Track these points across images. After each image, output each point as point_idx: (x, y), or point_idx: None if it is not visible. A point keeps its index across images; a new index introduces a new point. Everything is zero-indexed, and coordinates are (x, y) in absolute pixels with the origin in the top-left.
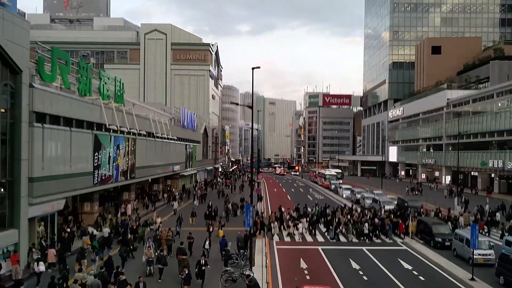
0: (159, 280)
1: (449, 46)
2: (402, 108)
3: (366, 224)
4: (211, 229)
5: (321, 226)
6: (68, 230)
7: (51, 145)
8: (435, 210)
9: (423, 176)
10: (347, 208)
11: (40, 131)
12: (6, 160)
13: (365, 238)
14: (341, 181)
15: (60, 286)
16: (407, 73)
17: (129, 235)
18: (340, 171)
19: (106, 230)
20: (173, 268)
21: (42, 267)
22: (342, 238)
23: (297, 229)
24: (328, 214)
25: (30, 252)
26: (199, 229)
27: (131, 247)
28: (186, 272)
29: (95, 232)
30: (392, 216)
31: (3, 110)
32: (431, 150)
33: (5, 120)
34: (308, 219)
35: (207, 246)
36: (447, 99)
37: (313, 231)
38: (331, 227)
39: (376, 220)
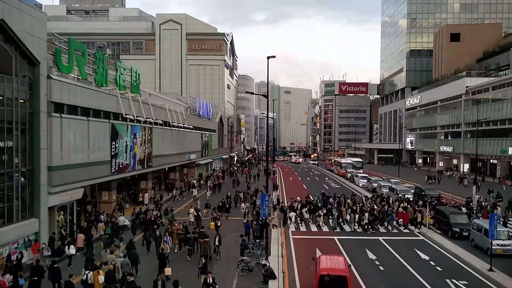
0: (189, 259)
1: (468, 33)
2: (419, 96)
3: (367, 214)
4: (218, 223)
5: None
6: (92, 218)
7: (69, 135)
8: (465, 202)
9: (441, 164)
10: (352, 197)
11: (58, 121)
12: (26, 149)
13: (367, 228)
14: (361, 171)
15: (92, 265)
16: (425, 61)
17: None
18: (360, 160)
19: (122, 219)
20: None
21: (72, 250)
22: (347, 228)
23: (290, 219)
24: (331, 203)
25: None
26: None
27: (156, 230)
28: (203, 261)
29: (117, 219)
30: (397, 205)
31: (22, 101)
32: (449, 138)
33: (24, 110)
34: (307, 209)
35: (216, 242)
36: (466, 87)
37: (316, 220)
38: (331, 216)
39: (377, 208)
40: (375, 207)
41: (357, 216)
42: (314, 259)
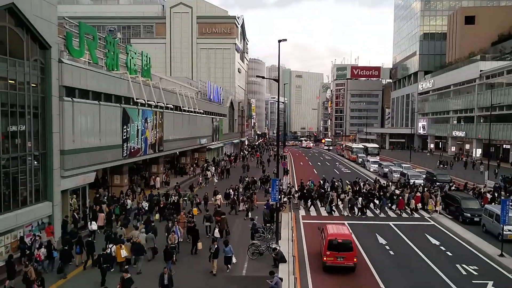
0: (207, 236)
1: (483, 16)
2: (432, 80)
3: (360, 199)
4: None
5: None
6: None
7: (80, 119)
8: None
9: (453, 149)
10: (348, 182)
11: (70, 105)
12: (39, 133)
13: (358, 213)
14: (378, 157)
15: (115, 239)
16: (438, 45)
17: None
18: (377, 146)
19: (129, 202)
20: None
21: (94, 226)
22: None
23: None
24: (325, 188)
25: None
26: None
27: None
28: (216, 246)
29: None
30: (394, 190)
31: (34, 85)
32: (462, 123)
33: (36, 94)
34: (300, 194)
35: (216, 233)
36: (480, 71)
37: (307, 205)
38: (324, 201)
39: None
40: (372, 191)
41: (348, 200)
42: (320, 229)
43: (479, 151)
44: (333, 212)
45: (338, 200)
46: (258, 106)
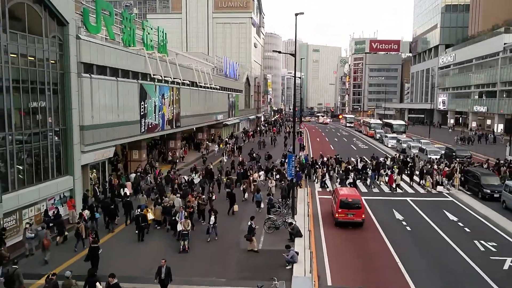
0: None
1: None
2: (454, 53)
3: (352, 174)
4: (213, 196)
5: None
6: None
7: (99, 95)
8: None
9: (474, 124)
10: (340, 157)
11: (88, 81)
12: (58, 109)
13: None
14: (405, 135)
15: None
16: (460, 17)
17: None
18: (403, 122)
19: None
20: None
21: (127, 190)
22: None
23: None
24: (316, 163)
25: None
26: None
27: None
28: (249, 223)
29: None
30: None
31: (53, 62)
32: (484, 97)
33: (55, 71)
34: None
35: (212, 219)
36: (504, 44)
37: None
38: (316, 175)
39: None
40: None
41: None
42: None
43: (500, 126)
44: (326, 188)
45: (328, 175)
46: (274, 82)
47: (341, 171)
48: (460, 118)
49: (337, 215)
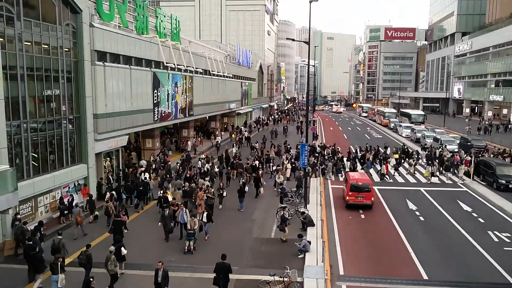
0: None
1: None
2: (470, 41)
3: (348, 163)
4: (224, 193)
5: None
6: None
7: (112, 83)
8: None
9: (489, 113)
10: (337, 147)
11: (101, 69)
12: (72, 97)
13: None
14: (423, 126)
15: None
16: (478, 4)
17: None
18: (422, 112)
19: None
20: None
21: (147, 175)
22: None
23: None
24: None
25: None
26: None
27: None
28: (282, 213)
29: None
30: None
31: (66, 49)
32: (500, 86)
33: (69, 59)
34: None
35: (205, 218)
36: None
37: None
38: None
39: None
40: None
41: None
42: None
43: None
44: (328, 178)
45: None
46: (287, 70)
47: (336, 161)
48: (476, 107)
49: (347, 198)
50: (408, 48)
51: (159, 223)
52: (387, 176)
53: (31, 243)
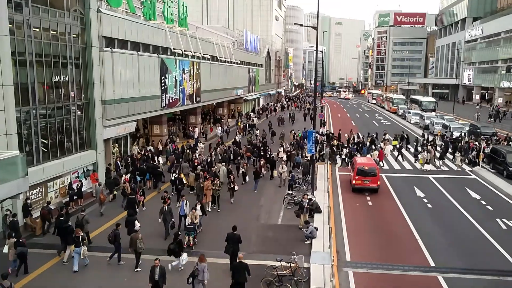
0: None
1: None
2: (481, 26)
3: (345, 151)
4: (235, 187)
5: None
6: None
7: (120, 69)
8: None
9: (500, 100)
10: (331, 133)
11: (109, 55)
12: (81, 83)
13: (342, 163)
14: (434, 114)
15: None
16: None
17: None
18: (433, 99)
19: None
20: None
21: (161, 159)
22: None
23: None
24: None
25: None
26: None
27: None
28: (303, 200)
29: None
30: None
31: (74, 35)
32: None
33: (77, 45)
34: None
35: (188, 220)
36: None
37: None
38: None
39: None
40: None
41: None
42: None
43: None
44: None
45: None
46: (295, 56)
47: (333, 147)
48: (486, 93)
49: (354, 182)
50: (417, 33)
51: (159, 219)
52: (381, 162)
53: (62, 218)
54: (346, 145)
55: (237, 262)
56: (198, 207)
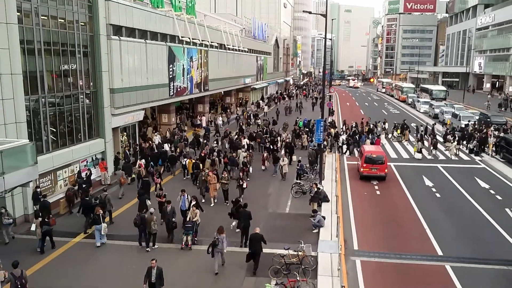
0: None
1: None
2: (493, 14)
3: (341, 138)
4: (244, 184)
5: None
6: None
7: (128, 58)
8: None
9: (511, 89)
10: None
11: (117, 43)
12: (89, 72)
13: (340, 151)
14: (444, 102)
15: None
16: None
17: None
18: (444, 88)
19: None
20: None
21: (167, 147)
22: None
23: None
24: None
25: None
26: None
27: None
28: (315, 189)
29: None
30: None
31: (82, 24)
32: None
33: (85, 33)
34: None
35: (188, 216)
36: None
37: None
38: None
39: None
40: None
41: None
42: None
43: None
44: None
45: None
46: (304, 44)
47: (329, 136)
48: (497, 82)
49: (361, 169)
50: (428, 21)
51: (161, 220)
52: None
53: (87, 198)
54: (341, 133)
55: (253, 233)
56: (193, 202)
